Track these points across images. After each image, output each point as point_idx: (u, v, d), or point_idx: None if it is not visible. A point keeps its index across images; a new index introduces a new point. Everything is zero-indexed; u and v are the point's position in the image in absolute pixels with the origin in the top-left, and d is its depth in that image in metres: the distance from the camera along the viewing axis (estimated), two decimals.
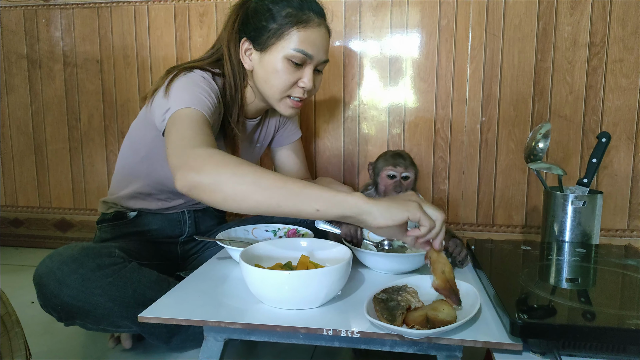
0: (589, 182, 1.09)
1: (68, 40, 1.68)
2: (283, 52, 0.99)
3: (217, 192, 0.73)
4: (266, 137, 1.28)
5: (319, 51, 1.02)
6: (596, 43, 1.41)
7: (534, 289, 0.76)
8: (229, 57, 1.05)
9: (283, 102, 1.06)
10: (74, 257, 0.86)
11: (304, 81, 1.03)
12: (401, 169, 1.04)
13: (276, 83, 1.02)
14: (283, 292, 0.75)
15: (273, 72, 1.01)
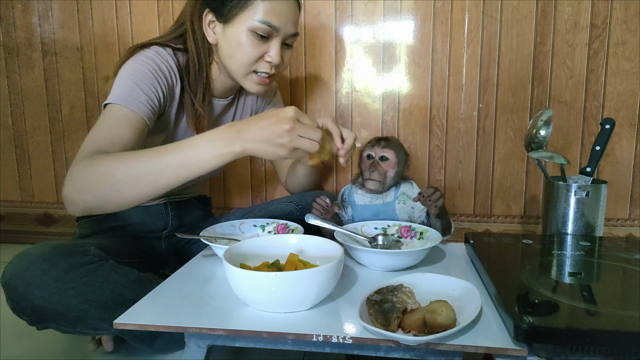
0: (592, 171, 1.04)
1: (46, 27, 1.60)
2: (247, 24, 0.94)
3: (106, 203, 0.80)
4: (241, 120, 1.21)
5: (286, 23, 0.96)
6: (598, 25, 1.35)
7: (538, 288, 0.71)
8: (192, 31, 1.00)
9: (249, 78, 1.01)
10: (44, 257, 0.80)
11: (270, 55, 0.97)
12: (379, 149, 1.00)
13: (240, 57, 0.97)
14: (269, 294, 0.69)
15: (237, 45, 0.96)
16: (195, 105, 1.02)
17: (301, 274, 0.69)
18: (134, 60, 0.95)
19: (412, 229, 0.99)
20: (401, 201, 1.03)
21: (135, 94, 0.91)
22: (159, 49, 0.98)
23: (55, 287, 0.80)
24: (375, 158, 1.00)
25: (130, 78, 0.92)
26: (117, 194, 0.79)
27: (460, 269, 0.89)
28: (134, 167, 0.78)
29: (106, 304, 0.84)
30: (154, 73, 0.94)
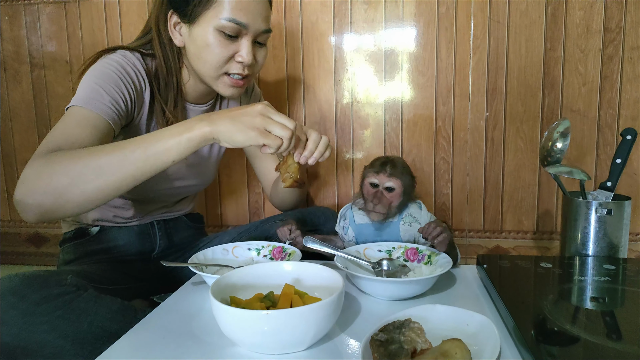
0: (613, 185, 0.96)
1: (34, 39, 1.54)
2: (213, 23, 0.87)
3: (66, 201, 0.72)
4: None
5: (255, 19, 0.89)
6: (611, 29, 1.27)
7: (563, 324, 0.63)
8: (157, 35, 0.94)
9: (221, 81, 0.94)
10: (13, 290, 0.73)
11: (241, 55, 0.91)
12: (384, 177, 0.91)
13: (209, 59, 0.90)
14: (261, 335, 0.62)
15: (204, 46, 0.89)
16: (167, 113, 0.95)
17: (296, 311, 0.61)
18: (98, 63, 0.89)
19: (419, 252, 0.91)
20: (406, 222, 0.95)
21: (98, 95, 0.84)
22: (126, 53, 0.92)
23: (25, 323, 0.72)
24: (380, 188, 0.92)
25: (93, 80, 0.86)
26: (77, 189, 0.71)
27: (473, 297, 0.81)
28: (96, 157, 0.72)
29: (84, 338, 0.77)
30: (119, 75, 0.88)
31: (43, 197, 0.72)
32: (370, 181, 0.93)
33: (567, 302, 0.73)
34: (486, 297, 0.81)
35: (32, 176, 0.72)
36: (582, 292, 0.76)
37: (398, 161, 0.96)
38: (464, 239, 1.42)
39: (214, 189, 1.54)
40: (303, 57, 1.41)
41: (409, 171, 0.96)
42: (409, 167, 0.98)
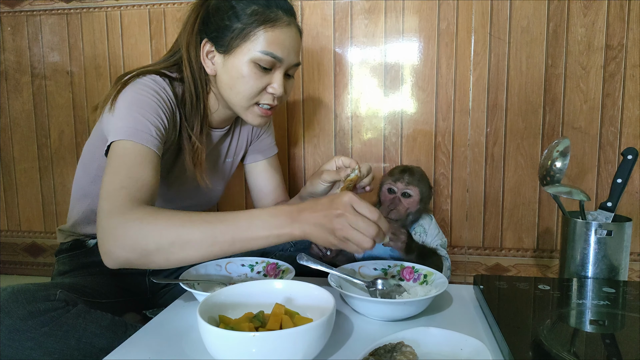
0: (613, 206, 0.94)
1: (36, 50, 1.55)
2: (249, 55, 0.88)
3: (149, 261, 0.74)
4: (237, 150, 1.14)
5: (289, 53, 0.90)
6: (613, 46, 1.27)
7: (560, 351, 0.61)
8: (188, 61, 0.93)
9: (251, 111, 0.94)
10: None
11: (273, 87, 0.92)
12: (401, 185, 0.91)
13: (242, 89, 0.91)
14: (249, 357, 0.60)
15: (238, 77, 0.90)
16: (193, 139, 0.95)
17: (284, 333, 0.60)
18: (132, 89, 0.87)
19: (415, 271, 0.90)
20: (417, 233, 0.95)
21: (144, 127, 0.83)
22: (156, 77, 0.91)
23: (10, 340, 0.71)
24: (397, 194, 0.92)
25: (134, 110, 0.84)
26: (163, 256, 0.73)
27: (469, 319, 0.79)
28: (187, 231, 0.72)
29: (72, 355, 0.76)
30: (156, 102, 0.87)
31: (130, 254, 0.73)
32: (387, 187, 0.93)
33: (564, 327, 0.71)
34: (482, 319, 0.79)
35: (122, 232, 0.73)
36: (580, 316, 0.75)
37: (417, 170, 0.97)
38: (463, 256, 1.41)
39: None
40: (303, 71, 1.41)
41: (427, 181, 0.97)
42: (427, 177, 0.99)
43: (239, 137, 1.14)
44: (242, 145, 1.15)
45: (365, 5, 1.36)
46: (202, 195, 1.12)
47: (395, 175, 0.95)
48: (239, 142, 1.14)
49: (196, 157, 0.96)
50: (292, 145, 1.45)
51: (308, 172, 1.46)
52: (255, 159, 1.18)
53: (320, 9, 1.38)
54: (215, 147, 1.09)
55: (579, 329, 0.71)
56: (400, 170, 0.96)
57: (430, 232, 0.95)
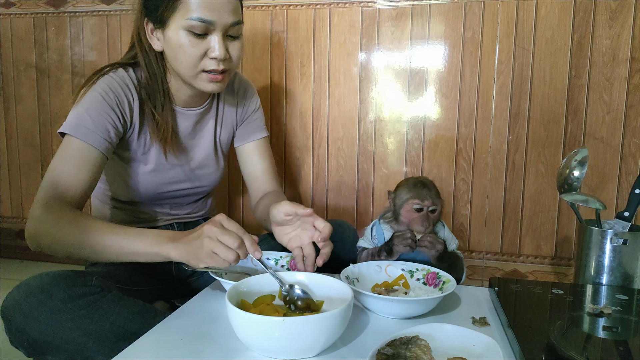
0: (630, 216, 0.96)
1: (77, 49, 1.63)
2: (181, 24, 0.91)
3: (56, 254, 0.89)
4: (223, 132, 1.17)
5: (221, 14, 0.92)
6: (638, 58, 1.28)
7: (568, 350, 0.64)
8: (139, 44, 0.99)
9: (200, 78, 0.97)
10: (42, 288, 0.78)
11: (213, 51, 0.93)
12: (428, 202, 0.95)
13: (183, 59, 0.94)
14: (275, 340, 0.65)
15: (177, 47, 0.93)
16: (156, 116, 1.01)
17: (310, 319, 0.65)
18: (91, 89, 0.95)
19: (438, 277, 0.92)
20: None
21: (90, 125, 0.92)
22: (117, 71, 0.99)
23: (52, 320, 0.77)
24: (425, 211, 0.95)
25: (84, 107, 0.93)
26: (64, 251, 0.87)
27: None
28: (84, 239, 0.85)
29: (106, 337, 0.81)
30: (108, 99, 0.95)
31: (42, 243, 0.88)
32: (414, 207, 0.96)
33: (574, 330, 0.74)
34: (496, 319, 0.82)
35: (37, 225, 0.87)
36: (590, 321, 0.77)
37: (430, 182, 0.99)
38: (481, 261, 1.43)
39: (236, 195, 1.59)
40: (329, 75, 1.46)
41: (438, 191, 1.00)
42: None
43: (223, 117, 1.16)
44: (228, 126, 1.17)
45: (392, 13, 1.40)
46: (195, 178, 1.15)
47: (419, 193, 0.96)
48: (223, 123, 1.16)
49: (160, 133, 1.02)
50: (316, 147, 1.50)
51: (331, 174, 1.50)
52: (243, 139, 1.20)
53: (348, 16, 1.42)
54: (197, 127, 1.12)
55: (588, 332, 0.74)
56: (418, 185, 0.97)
57: (445, 237, 0.98)
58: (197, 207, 1.22)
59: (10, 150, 1.74)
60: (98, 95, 0.94)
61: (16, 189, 1.77)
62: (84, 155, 0.92)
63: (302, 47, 1.47)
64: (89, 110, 0.93)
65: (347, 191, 1.50)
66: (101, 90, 0.95)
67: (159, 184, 1.10)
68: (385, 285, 0.89)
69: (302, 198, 1.53)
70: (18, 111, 1.71)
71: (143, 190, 1.09)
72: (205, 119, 1.13)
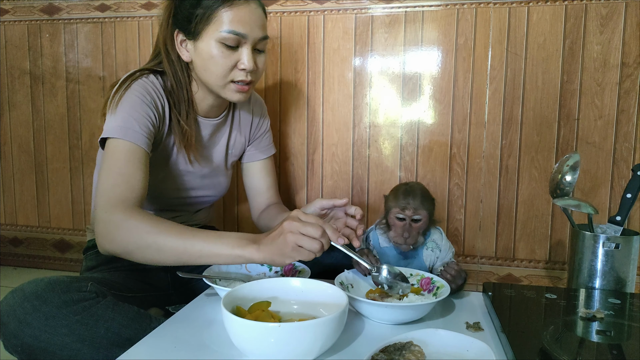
0: (622, 220, 0.97)
1: (71, 56, 1.63)
2: (214, 36, 0.96)
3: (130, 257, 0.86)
4: (237, 144, 1.21)
5: (252, 29, 0.97)
6: (629, 64, 1.29)
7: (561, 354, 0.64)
8: (166, 54, 1.03)
9: (227, 89, 1.02)
10: (37, 294, 0.78)
11: (243, 63, 0.98)
12: (409, 212, 0.94)
13: (214, 69, 0.99)
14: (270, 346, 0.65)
15: (209, 58, 0.98)
16: (181, 123, 1.04)
17: (305, 324, 0.65)
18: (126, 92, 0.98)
19: (432, 282, 0.93)
20: (429, 248, 0.98)
21: (132, 125, 0.94)
22: (149, 76, 1.01)
23: (46, 325, 0.77)
24: (407, 221, 0.95)
25: (125, 110, 0.95)
26: (140, 255, 0.85)
27: None
28: (163, 240, 0.83)
29: (100, 343, 0.81)
30: (145, 101, 0.97)
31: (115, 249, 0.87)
32: (396, 216, 0.95)
33: (568, 334, 0.74)
34: (489, 324, 0.82)
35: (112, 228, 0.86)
36: (583, 325, 0.77)
37: (419, 190, 0.97)
38: (475, 265, 1.44)
39: (231, 203, 1.59)
40: (324, 81, 1.47)
41: (429, 196, 0.99)
42: (428, 191, 1.00)
43: (239, 130, 1.20)
44: (241, 139, 1.21)
45: (386, 19, 1.41)
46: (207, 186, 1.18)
47: (401, 202, 0.95)
48: (237, 135, 1.20)
49: (185, 139, 1.05)
50: (311, 152, 1.50)
51: (325, 179, 1.50)
52: (252, 158, 1.25)
53: (342, 22, 1.43)
54: (213, 138, 1.15)
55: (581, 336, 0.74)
56: (404, 195, 0.96)
57: (443, 247, 0.98)
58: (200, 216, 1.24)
59: (5, 157, 1.74)
60: (137, 98, 0.97)
61: (10, 195, 1.76)
62: (136, 156, 0.93)
63: (297, 53, 1.47)
64: (131, 112, 0.95)
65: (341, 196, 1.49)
66: (139, 93, 0.98)
67: (171, 190, 1.12)
68: (379, 291, 0.90)
69: (296, 203, 1.54)
70: (12, 118, 1.71)
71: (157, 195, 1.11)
72: (220, 130, 1.17)
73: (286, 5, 1.46)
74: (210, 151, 1.16)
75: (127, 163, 0.92)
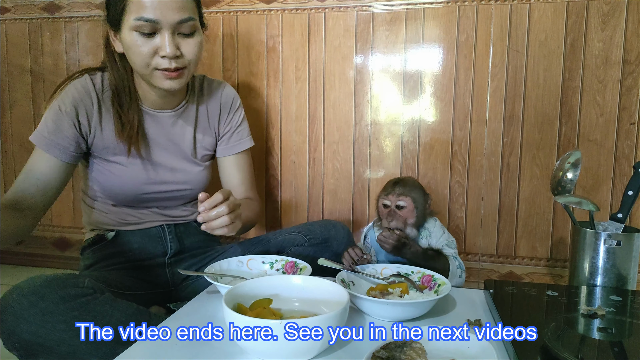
0: (624, 217, 0.96)
1: (72, 54, 1.63)
2: (129, 25, 0.95)
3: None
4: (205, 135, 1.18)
5: (165, 13, 0.94)
6: (630, 61, 1.29)
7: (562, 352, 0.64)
8: (105, 48, 1.05)
9: (154, 76, 1.00)
10: (34, 290, 0.78)
11: (162, 49, 0.96)
12: (393, 197, 0.95)
13: (135, 58, 0.98)
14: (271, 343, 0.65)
15: (129, 48, 0.98)
16: (122, 117, 1.05)
17: (307, 321, 0.65)
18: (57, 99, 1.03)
19: (433, 279, 0.93)
20: (423, 237, 0.99)
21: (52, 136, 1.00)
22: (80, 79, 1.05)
23: (44, 321, 0.77)
24: (391, 207, 0.95)
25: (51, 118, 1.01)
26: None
27: None
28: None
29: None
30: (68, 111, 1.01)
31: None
32: (382, 202, 0.96)
33: (569, 331, 0.74)
34: (491, 321, 0.82)
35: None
36: (584, 322, 0.77)
37: (408, 180, 1.00)
38: (477, 263, 1.44)
39: None
40: (325, 78, 1.46)
41: (419, 188, 1.00)
42: (420, 184, 1.01)
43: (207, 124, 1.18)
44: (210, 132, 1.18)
45: (387, 17, 1.41)
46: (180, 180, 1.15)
47: (387, 190, 0.99)
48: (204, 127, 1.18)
49: (126, 132, 1.05)
50: (312, 150, 1.50)
51: (327, 176, 1.50)
52: (223, 153, 1.22)
53: (343, 20, 1.43)
54: (172, 130, 1.13)
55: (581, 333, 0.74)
56: (392, 184, 1.00)
57: (435, 233, 0.99)
58: (187, 209, 1.22)
59: (5, 154, 1.74)
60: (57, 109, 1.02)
61: None
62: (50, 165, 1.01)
63: (298, 51, 1.47)
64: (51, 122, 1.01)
65: (343, 194, 1.50)
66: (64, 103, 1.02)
67: (138, 185, 1.10)
68: (380, 288, 0.90)
69: (298, 201, 1.54)
70: (13, 115, 1.71)
71: (123, 190, 1.10)
72: (181, 122, 1.15)
73: (287, 3, 1.46)
74: (174, 143, 1.14)
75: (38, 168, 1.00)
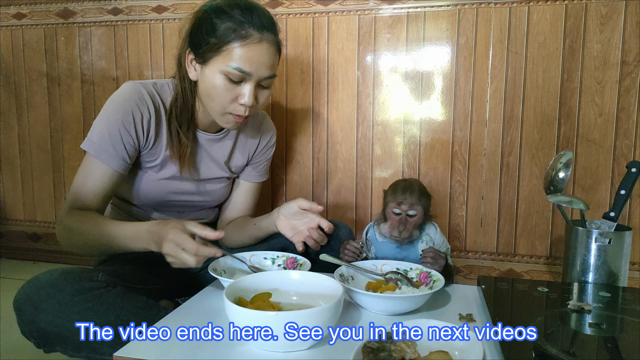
0: (616, 216, 0.99)
1: (86, 58, 1.70)
2: (220, 68, 0.97)
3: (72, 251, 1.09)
4: (240, 156, 1.23)
5: (259, 68, 0.98)
6: (629, 62, 1.31)
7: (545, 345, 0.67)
8: (178, 67, 1.06)
9: (225, 117, 1.04)
10: (51, 282, 0.84)
11: (244, 98, 1.00)
12: (405, 207, 0.98)
13: (215, 99, 1.01)
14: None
15: (211, 87, 1.00)
16: (180, 135, 1.07)
17: (302, 313, 0.69)
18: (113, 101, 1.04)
19: (429, 276, 0.96)
20: (424, 242, 1.02)
21: (108, 147, 1.02)
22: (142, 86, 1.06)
23: (60, 311, 0.83)
24: (403, 215, 0.99)
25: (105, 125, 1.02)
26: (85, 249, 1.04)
27: None
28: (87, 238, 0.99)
29: None
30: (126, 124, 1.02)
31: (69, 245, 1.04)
32: (393, 210, 0.99)
33: (554, 325, 0.77)
34: (482, 316, 0.86)
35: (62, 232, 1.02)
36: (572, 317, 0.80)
37: (416, 186, 1.01)
38: (477, 260, 1.46)
39: None
40: (328, 80, 1.50)
41: (426, 193, 1.02)
42: (425, 188, 1.04)
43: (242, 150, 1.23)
44: (244, 154, 1.23)
45: (388, 20, 1.44)
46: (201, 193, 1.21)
47: (399, 198, 0.99)
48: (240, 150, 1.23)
49: (181, 150, 1.09)
50: (316, 151, 1.55)
51: (330, 176, 1.54)
52: (245, 177, 1.27)
53: (346, 23, 1.47)
54: (212, 148, 1.18)
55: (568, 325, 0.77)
56: (401, 191, 1.00)
57: (437, 241, 1.02)
58: (202, 214, 1.28)
59: (24, 155, 1.81)
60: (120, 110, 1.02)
61: (29, 192, 1.83)
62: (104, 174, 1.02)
63: (302, 54, 1.51)
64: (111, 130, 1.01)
65: (346, 193, 1.54)
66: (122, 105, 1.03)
67: (168, 193, 1.16)
68: (378, 283, 0.93)
69: None
70: (30, 118, 1.78)
71: (151, 196, 1.15)
72: (222, 143, 1.19)
73: (291, 7, 1.50)
74: (211, 160, 1.19)
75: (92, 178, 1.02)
